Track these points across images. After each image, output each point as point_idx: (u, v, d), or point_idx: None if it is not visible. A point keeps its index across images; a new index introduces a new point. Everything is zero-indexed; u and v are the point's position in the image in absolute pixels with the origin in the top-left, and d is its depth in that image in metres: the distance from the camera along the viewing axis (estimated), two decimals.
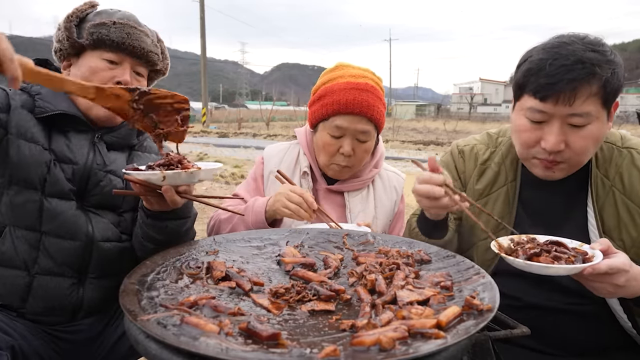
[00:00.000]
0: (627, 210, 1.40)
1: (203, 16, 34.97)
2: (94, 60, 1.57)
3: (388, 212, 1.92)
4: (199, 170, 1.30)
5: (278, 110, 39.31)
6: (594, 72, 1.26)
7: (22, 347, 1.43)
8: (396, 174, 2.02)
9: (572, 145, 1.33)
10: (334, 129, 1.74)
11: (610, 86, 1.27)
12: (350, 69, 1.82)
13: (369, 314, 0.87)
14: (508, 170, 1.56)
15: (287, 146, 1.98)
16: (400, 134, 25.16)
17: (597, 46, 1.30)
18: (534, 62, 1.33)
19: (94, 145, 1.61)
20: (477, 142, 1.69)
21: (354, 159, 1.78)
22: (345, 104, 1.71)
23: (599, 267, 1.14)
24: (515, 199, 1.54)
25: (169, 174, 1.26)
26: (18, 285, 1.52)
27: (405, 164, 12.83)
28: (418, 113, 67.41)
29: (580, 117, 1.29)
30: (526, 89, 1.35)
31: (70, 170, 1.55)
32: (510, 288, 1.44)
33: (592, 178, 1.45)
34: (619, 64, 1.30)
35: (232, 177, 9.46)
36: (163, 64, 1.74)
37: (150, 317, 0.80)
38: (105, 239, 1.59)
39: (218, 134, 24.66)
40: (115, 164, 1.62)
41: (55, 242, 1.52)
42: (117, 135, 1.66)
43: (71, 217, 1.53)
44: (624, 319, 1.39)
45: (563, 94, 1.27)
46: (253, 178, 1.95)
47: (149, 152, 1.78)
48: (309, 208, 1.57)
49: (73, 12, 1.59)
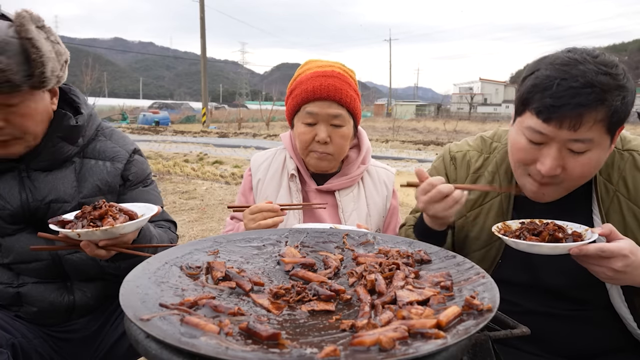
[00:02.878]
0: (632, 215, 1.35)
1: (203, 16, 34.97)
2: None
3: (380, 208, 1.93)
4: (113, 227, 1.22)
5: (278, 110, 39.28)
6: (602, 99, 1.17)
7: (22, 345, 1.44)
8: (385, 169, 2.02)
9: (569, 170, 1.27)
10: (306, 116, 1.76)
11: (618, 115, 1.20)
12: (318, 62, 1.86)
13: (368, 314, 0.87)
14: (502, 180, 1.49)
15: (273, 152, 2.00)
16: (400, 134, 25.17)
17: (610, 68, 1.20)
18: (541, 78, 1.24)
19: (22, 180, 1.50)
20: (470, 148, 1.61)
21: (332, 147, 1.78)
22: (313, 90, 1.74)
23: (587, 249, 1.13)
24: (510, 210, 1.48)
25: (83, 232, 1.21)
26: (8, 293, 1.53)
27: (405, 163, 12.84)
28: (418, 113, 67.43)
29: (582, 143, 1.22)
30: (529, 106, 1.27)
31: (6, 215, 1.47)
32: (507, 295, 1.43)
33: (597, 184, 1.39)
34: (630, 90, 1.22)
35: (232, 177, 9.46)
36: (37, 78, 1.38)
37: (150, 317, 0.80)
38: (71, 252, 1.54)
39: (218, 134, 24.68)
40: (56, 189, 1.52)
41: (23, 267, 1.52)
42: (43, 159, 1.52)
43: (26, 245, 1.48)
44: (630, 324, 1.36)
45: (569, 118, 1.19)
46: (242, 193, 1.98)
47: (103, 159, 1.64)
48: (274, 211, 1.58)
49: None
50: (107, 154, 1.65)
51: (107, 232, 1.23)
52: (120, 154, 1.68)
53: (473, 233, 1.53)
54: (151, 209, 1.36)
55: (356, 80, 1.87)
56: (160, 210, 1.38)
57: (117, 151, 1.68)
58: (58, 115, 1.54)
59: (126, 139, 1.76)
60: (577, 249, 1.14)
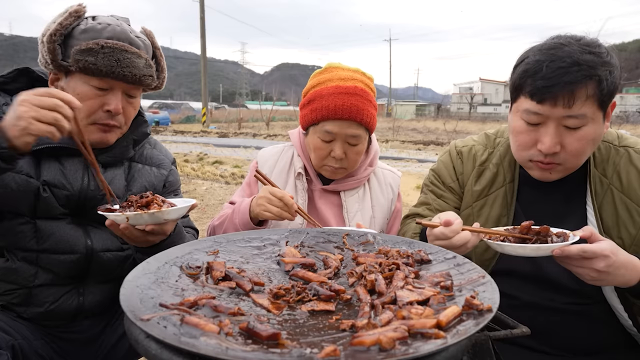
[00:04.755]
0: (625, 208, 1.41)
1: (203, 16, 34.97)
2: (81, 86, 1.46)
3: (385, 211, 1.92)
4: (161, 211, 1.32)
5: (278, 110, 39.31)
6: (590, 75, 1.26)
7: (22, 347, 1.43)
8: (392, 172, 2.02)
9: (567, 147, 1.33)
10: (324, 134, 1.74)
11: (607, 88, 1.28)
12: (340, 71, 1.80)
13: (368, 314, 0.87)
14: (506, 171, 1.57)
15: (281, 148, 1.99)
16: (400, 134, 25.16)
17: (594, 47, 1.30)
18: (531, 63, 1.33)
19: (88, 168, 1.57)
20: (475, 143, 1.69)
21: (346, 162, 1.79)
22: (334, 110, 1.70)
23: (568, 250, 1.16)
24: (514, 200, 1.54)
25: (131, 215, 1.29)
26: (18, 295, 1.52)
27: (405, 163, 12.83)
28: (418, 113, 67.44)
29: (576, 119, 1.29)
30: (523, 91, 1.35)
31: (63, 196, 1.51)
32: (508, 288, 1.45)
33: (591, 177, 1.45)
34: (615, 65, 1.30)
35: (232, 177, 9.47)
36: (159, 81, 1.65)
37: (150, 317, 0.80)
38: (105, 249, 1.58)
39: (218, 134, 24.68)
40: (112, 184, 1.59)
41: (53, 257, 1.52)
42: (112, 155, 1.62)
43: (67, 234, 1.52)
44: (624, 317, 1.39)
45: (561, 96, 1.27)
46: (247, 183, 1.97)
47: (150, 164, 1.76)
48: (290, 209, 1.58)
49: (56, 29, 1.43)
50: (153, 160, 1.78)
51: (154, 215, 1.31)
52: (165, 162, 1.83)
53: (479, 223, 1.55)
54: (189, 202, 1.45)
55: (374, 87, 1.85)
56: (197, 203, 1.47)
57: (162, 159, 1.82)
58: (139, 119, 1.72)
59: (167, 150, 1.90)
60: (559, 249, 1.17)
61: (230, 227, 1.71)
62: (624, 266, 1.18)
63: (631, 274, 1.19)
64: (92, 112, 1.49)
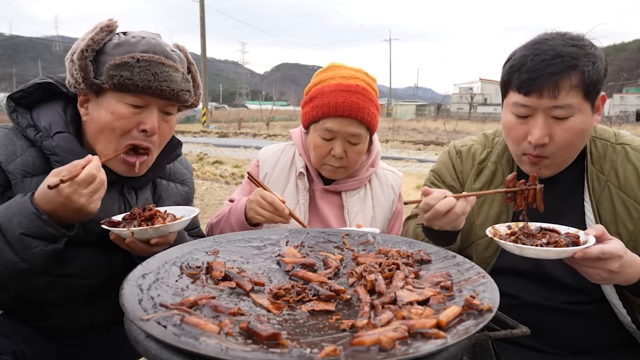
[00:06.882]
0: (622, 204, 1.42)
1: (203, 16, 34.97)
2: (115, 104, 1.36)
3: (386, 211, 1.92)
4: (166, 225, 1.32)
5: (278, 110, 39.29)
6: (573, 65, 1.30)
7: (24, 352, 1.41)
8: (393, 172, 2.02)
9: (556, 138, 1.36)
10: (325, 132, 1.74)
11: (590, 78, 1.31)
12: (342, 70, 1.81)
13: (368, 314, 0.87)
14: (505, 169, 1.60)
15: (283, 147, 1.98)
16: (400, 134, 25.16)
17: (577, 41, 1.34)
18: (517, 59, 1.38)
19: (123, 196, 1.51)
20: (474, 143, 1.72)
21: (346, 161, 1.78)
22: (335, 107, 1.70)
23: (590, 251, 1.15)
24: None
25: (137, 230, 1.29)
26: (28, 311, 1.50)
27: (405, 163, 12.82)
28: (418, 113, 67.41)
29: (562, 109, 1.32)
30: (511, 86, 1.40)
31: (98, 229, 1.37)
32: (509, 286, 1.45)
33: (588, 174, 1.47)
34: (598, 56, 1.34)
35: (232, 177, 9.46)
36: (195, 97, 1.53)
37: (150, 317, 0.80)
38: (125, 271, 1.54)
39: (218, 134, 24.67)
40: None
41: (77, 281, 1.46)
42: (141, 179, 1.54)
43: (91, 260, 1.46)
44: (623, 314, 1.40)
45: (546, 87, 1.31)
46: (247, 182, 1.96)
47: (174, 180, 1.70)
48: (282, 213, 1.58)
49: (87, 45, 1.34)
50: (177, 175, 1.71)
51: (159, 230, 1.31)
52: (187, 176, 1.76)
53: (478, 220, 1.59)
54: (192, 211, 1.44)
55: (376, 88, 1.84)
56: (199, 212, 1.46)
57: (184, 173, 1.75)
58: (173, 140, 1.61)
59: (187, 160, 1.82)
60: (581, 252, 1.16)
61: (227, 227, 1.71)
62: (630, 265, 1.18)
63: (634, 272, 1.20)
64: (126, 132, 1.39)
